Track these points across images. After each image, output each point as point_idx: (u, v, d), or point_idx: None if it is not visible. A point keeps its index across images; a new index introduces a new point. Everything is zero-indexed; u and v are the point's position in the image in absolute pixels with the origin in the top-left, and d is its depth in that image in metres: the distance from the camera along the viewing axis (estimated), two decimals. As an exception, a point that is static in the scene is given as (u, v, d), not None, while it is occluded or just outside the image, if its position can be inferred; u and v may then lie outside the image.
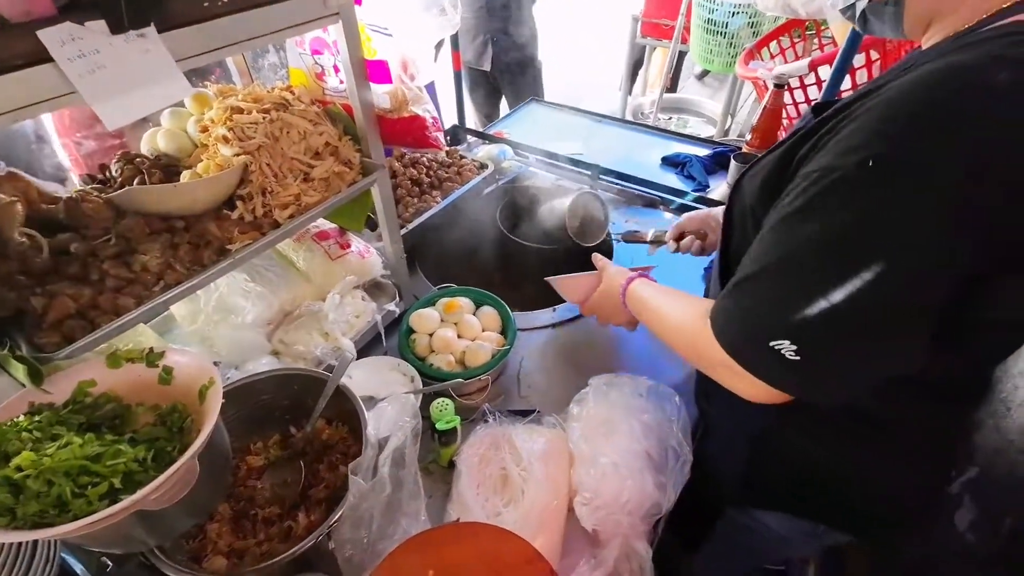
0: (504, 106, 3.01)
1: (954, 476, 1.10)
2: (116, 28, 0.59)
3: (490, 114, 3.01)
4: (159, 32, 0.63)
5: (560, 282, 1.10)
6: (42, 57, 0.55)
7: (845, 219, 0.49)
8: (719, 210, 1.08)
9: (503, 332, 1.19)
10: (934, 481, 0.81)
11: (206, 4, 0.67)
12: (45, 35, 0.54)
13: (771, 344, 0.52)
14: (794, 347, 0.51)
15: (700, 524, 1.06)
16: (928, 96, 0.46)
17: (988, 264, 0.49)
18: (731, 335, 0.58)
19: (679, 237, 1.14)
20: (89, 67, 0.58)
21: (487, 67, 2.71)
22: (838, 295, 0.49)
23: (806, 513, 0.85)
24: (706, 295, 0.94)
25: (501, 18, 2.60)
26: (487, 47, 2.67)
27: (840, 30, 1.62)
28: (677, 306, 0.73)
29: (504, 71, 2.74)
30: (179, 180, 0.91)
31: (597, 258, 1.02)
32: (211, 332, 1.04)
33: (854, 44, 1.33)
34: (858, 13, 0.62)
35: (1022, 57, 0.44)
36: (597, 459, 0.91)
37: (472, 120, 3.00)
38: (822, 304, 0.50)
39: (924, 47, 0.60)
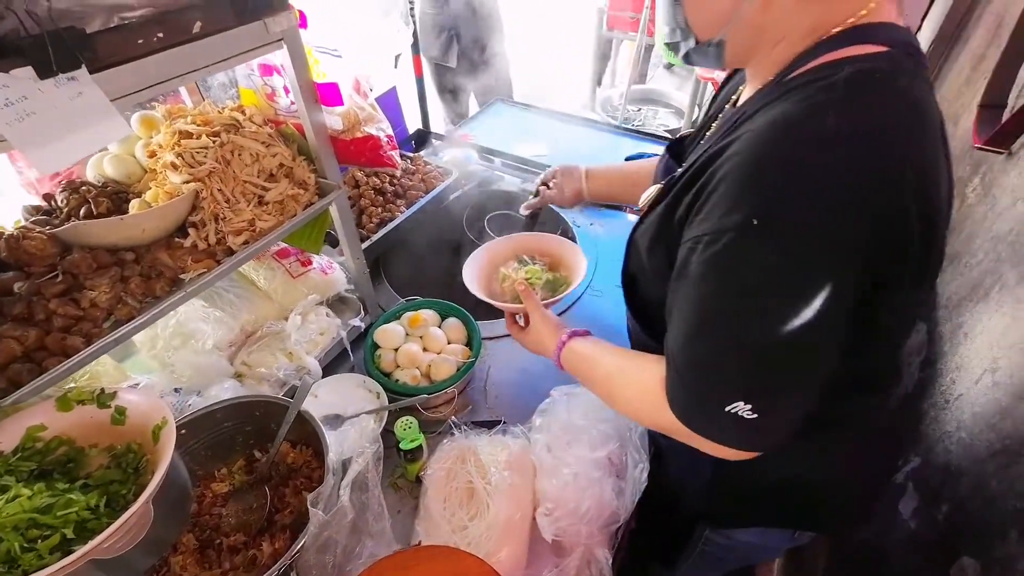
0: (472, 102, 2.99)
1: (900, 465, 1.17)
2: (44, 73, 0.58)
3: (458, 110, 2.99)
4: (91, 73, 0.62)
5: (492, 303, 1.01)
6: (-35, 108, 0.54)
7: (748, 275, 0.52)
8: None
9: (468, 343, 1.21)
10: (882, 467, 0.87)
11: (140, 41, 0.66)
12: (-33, 87, 0.53)
13: (727, 409, 0.55)
14: (749, 406, 0.54)
15: (675, 543, 1.09)
16: (772, 154, 0.50)
17: (870, 285, 0.52)
18: (692, 416, 0.60)
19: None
20: (17, 115, 0.57)
21: (452, 63, 2.69)
22: (767, 343, 0.52)
23: (778, 522, 0.90)
24: (629, 336, 0.95)
25: (464, 12, 2.58)
26: (452, 43, 2.65)
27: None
28: (628, 388, 0.72)
29: (470, 66, 2.72)
30: (128, 207, 0.89)
31: (527, 295, 0.93)
32: (171, 358, 1.03)
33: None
34: (682, 52, 0.66)
35: (839, 101, 0.49)
36: (560, 470, 0.93)
37: (440, 118, 2.97)
38: (758, 356, 0.53)
39: (749, 82, 0.65)
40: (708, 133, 0.75)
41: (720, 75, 1.61)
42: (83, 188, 0.92)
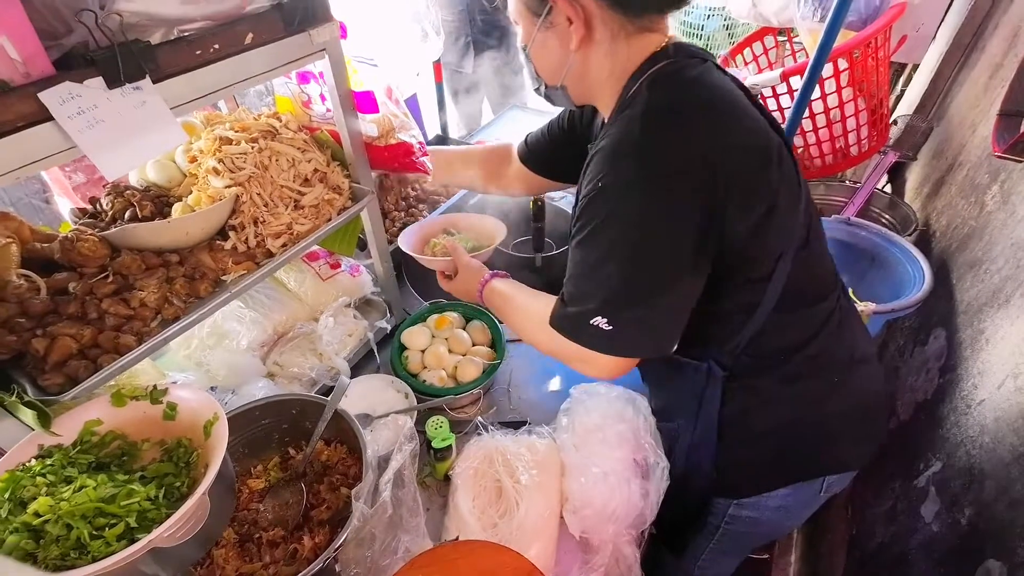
0: (487, 108, 3.02)
1: (921, 469, 1.18)
2: (112, 83, 0.61)
3: (473, 116, 3.02)
4: (154, 83, 0.65)
5: (422, 259, 1.14)
6: (43, 116, 0.57)
7: (599, 223, 0.70)
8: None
9: (492, 345, 1.23)
10: (871, 393, 0.95)
11: (198, 52, 0.69)
12: (47, 96, 0.56)
13: (591, 322, 0.72)
14: (604, 319, 0.72)
15: (694, 526, 1.11)
16: (618, 141, 0.71)
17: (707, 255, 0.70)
18: (564, 326, 0.78)
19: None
20: (88, 122, 0.60)
21: (469, 69, 2.72)
22: (615, 279, 0.70)
23: (796, 474, 0.93)
24: None
25: (482, 20, 2.61)
26: (469, 49, 2.68)
27: (810, 40, 1.67)
28: (529, 318, 0.89)
29: (485, 73, 2.75)
30: (170, 211, 0.92)
31: (453, 248, 1.08)
32: (206, 357, 1.06)
33: (822, 55, 1.38)
34: (543, 93, 0.88)
35: (644, 93, 0.71)
36: (588, 468, 0.95)
37: (455, 124, 3.01)
38: (607, 286, 0.71)
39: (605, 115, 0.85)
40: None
41: (742, 75, 1.64)
42: (127, 192, 0.95)
